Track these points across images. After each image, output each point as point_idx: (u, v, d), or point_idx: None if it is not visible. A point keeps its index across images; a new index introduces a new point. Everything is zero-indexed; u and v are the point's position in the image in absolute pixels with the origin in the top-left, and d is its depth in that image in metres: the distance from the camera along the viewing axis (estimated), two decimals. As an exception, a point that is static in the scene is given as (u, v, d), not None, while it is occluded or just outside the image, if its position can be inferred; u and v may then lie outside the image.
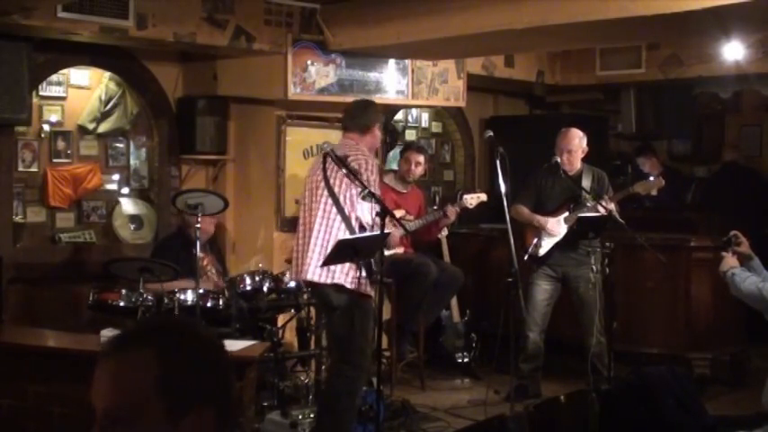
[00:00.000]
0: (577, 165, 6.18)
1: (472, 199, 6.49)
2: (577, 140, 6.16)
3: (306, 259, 4.86)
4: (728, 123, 9.61)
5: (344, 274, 4.77)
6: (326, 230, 4.82)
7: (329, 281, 4.80)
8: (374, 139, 5.09)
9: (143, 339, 1.52)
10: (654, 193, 8.05)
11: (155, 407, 1.45)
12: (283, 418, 5.29)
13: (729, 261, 4.55)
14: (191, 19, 5.84)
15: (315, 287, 4.98)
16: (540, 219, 6.21)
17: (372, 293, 4.80)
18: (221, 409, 1.51)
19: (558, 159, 6.11)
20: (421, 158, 6.80)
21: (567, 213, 6.17)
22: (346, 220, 4.81)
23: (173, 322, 1.65)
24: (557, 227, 6.17)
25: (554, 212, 6.22)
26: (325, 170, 4.89)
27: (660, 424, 3.45)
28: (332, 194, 4.84)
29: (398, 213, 6.18)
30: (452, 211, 6.46)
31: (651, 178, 6.80)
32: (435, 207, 6.83)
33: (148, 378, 1.46)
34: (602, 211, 5.85)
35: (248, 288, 5.69)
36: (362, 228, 4.81)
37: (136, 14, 5.57)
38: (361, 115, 5.05)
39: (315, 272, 4.82)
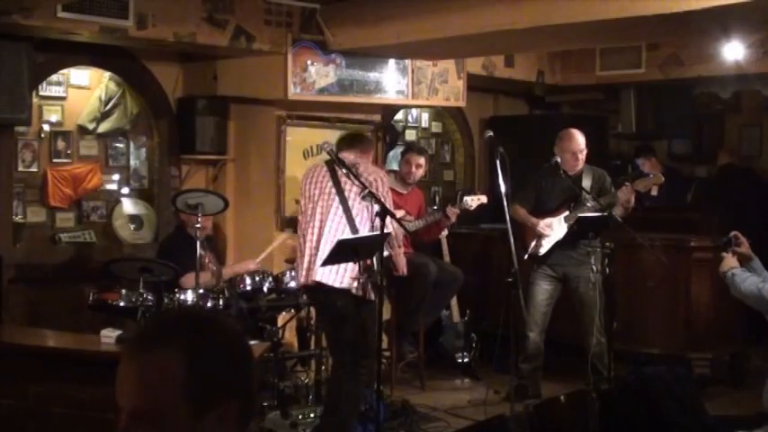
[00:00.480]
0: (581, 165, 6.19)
1: (473, 201, 6.48)
2: (584, 140, 6.16)
3: (317, 263, 4.89)
4: (728, 123, 9.61)
5: (353, 280, 4.80)
6: (337, 235, 4.85)
7: (337, 284, 4.83)
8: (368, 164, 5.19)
9: (168, 338, 1.51)
10: (654, 192, 8.05)
11: (181, 406, 1.46)
12: (283, 418, 5.29)
13: (729, 261, 4.55)
14: (191, 19, 5.84)
15: (322, 291, 4.97)
16: (533, 220, 6.21)
17: (374, 297, 4.81)
18: (244, 402, 1.52)
19: (558, 160, 6.11)
20: (422, 160, 6.78)
21: (566, 213, 6.17)
22: (352, 225, 4.85)
23: (197, 317, 1.63)
24: (549, 229, 6.17)
25: (554, 212, 6.22)
26: (336, 179, 4.92)
27: (660, 424, 3.45)
28: (344, 202, 4.90)
29: (399, 214, 6.17)
30: (453, 213, 6.45)
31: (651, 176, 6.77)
32: (435, 207, 6.82)
33: (175, 378, 1.46)
34: (623, 194, 5.88)
35: (248, 288, 5.69)
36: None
37: (136, 14, 5.57)
38: (360, 141, 5.22)
39: (325, 274, 4.86)
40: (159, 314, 4.90)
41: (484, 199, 6.54)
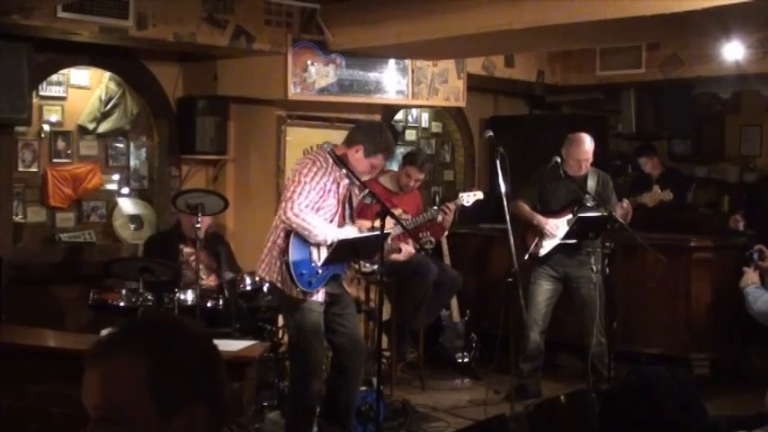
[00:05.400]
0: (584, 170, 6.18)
1: (468, 197, 6.43)
2: (592, 147, 6.13)
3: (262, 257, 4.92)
4: (728, 123, 9.60)
5: (276, 273, 4.77)
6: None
7: (268, 278, 4.86)
8: (353, 161, 4.79)
9: (130, 341, 1.53)
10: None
11: (146, 408, 1.47)
12: (283, 418, 5.28)
13: (750, 277, 4.45)
14: (191, 19, 5.84)
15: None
16: (540, 218, 6.20)
17: (306, 297, 4.71)
18: (214, 404, 1.53)
19: (559, 159, 6.10)
20: (421, 176, 6.62)
21: (570, 215, 6.13)
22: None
23: (158, 321, 1.64)
24: (556, 228, 6.16)
25: (557, 213, 6.20)
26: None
27: (660, 424, 3.44)
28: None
29: (396, 212, 6.15)
30: (448, 208, 6.29)
31: (655, 187, 6.69)
32: (435, 207, 6.78)
33: (138, 380, 1.47)
34: (620, 210, 5.88)
35: (248, 288, 5.69)
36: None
37: (136, 14, 5.57)
38: (355, 129, 4.97)
39: (260, 267, 4.89)
40: (125, 322, 4.94)
41: (480, 195, 6.48)
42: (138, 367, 1.48)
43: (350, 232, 4.77)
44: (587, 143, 6.13)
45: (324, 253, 4.69)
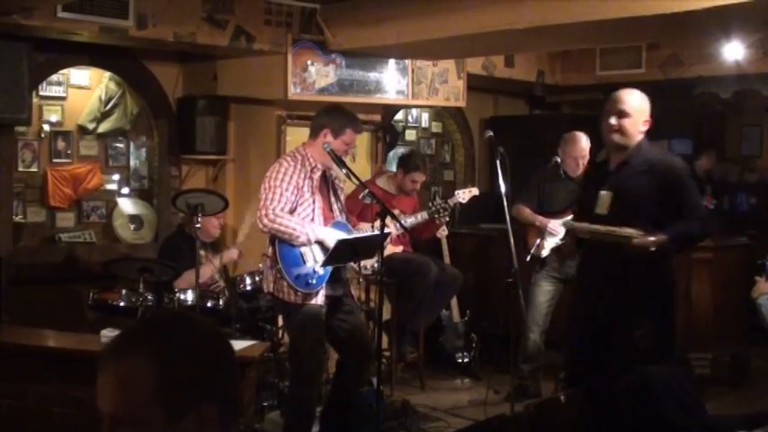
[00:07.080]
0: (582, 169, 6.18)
1: (464, 194, 6.44)
2: (588, 145, 6.13)
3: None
4: (728, 123, 9.61)
5: (272, 283, 4.76)
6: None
7: (267, 289, 4.86)
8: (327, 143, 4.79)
9: (139, 342, 1.52)
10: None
11: (155, 408, 1.47)
12: (283, 417, 5.28)
13: (761, 287, 4.42)
14: (191, 19, 5.84)
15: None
16: (542, 219, 6.19)
17: (305, 301, 4.69)
18: (224, 403, 1.52)
19: (559, 160, 6.11)
20: (424, 177, 6.75)
21: (572, 216, 6.11)
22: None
23: (168, 320, 1.63)
24: (559, 227, 6.15)
25: (559, 214, 6.19)
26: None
27: (660, 424, 3.45)
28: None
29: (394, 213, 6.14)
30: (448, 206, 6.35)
31: None
32: (433, 207, 6.77)
33: (146, 383, 1.47)
34: None
35: (248, 288, 5.69)
36: None
37: (136, 14, 5.57)
38: (314, 119, 4.97)
39: (264, 284, 4.94)
40: (136, 319, 4.90)
41: (475, 191, 6.48)
42: (147, 368, 1.47)
43: (329, 231, 4.72)
44: (583, 141, 6.14)
45: (316, 250, 4.69)
